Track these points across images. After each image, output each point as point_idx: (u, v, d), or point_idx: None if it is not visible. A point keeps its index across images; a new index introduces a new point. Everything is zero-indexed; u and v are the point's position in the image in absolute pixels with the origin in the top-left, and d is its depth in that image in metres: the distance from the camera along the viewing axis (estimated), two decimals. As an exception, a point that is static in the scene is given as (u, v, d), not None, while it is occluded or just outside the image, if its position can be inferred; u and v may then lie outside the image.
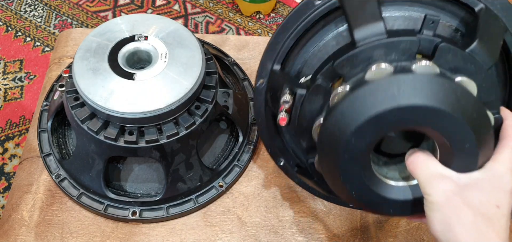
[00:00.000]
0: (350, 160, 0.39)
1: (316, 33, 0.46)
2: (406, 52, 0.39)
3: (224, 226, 0.59)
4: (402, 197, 0.42)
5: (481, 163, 0.38)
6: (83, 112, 0.56)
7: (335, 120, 0.39)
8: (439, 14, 0.43)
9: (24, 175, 0.63)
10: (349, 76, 0.41)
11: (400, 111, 0.36)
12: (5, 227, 0.59)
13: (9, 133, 1.25)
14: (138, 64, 0.59)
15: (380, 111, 0.36)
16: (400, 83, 0.36)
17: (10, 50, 1.42)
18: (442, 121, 0.37)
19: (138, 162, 0.61)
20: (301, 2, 0.45)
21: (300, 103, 0.44)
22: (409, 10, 0.44)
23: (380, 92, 0.37)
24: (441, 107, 0.36)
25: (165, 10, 1.54)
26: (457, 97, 0.37)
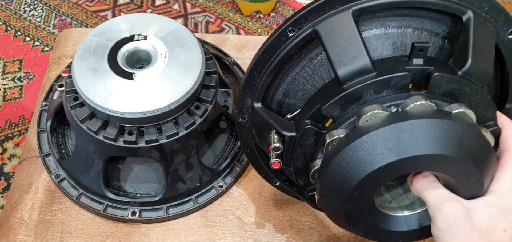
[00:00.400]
0: (354, 208, 0.39)
1: (294, 64, 0.44)
2: (397, 88, 0.37)
3: (224, 226, 0.59)
4: (409, 226, 0.42)
5: (487, 186, 0.38)
6: (82, 112, 0.55)
7: (334, 172, 0.37)
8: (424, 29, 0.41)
9: (23, 175, 0.63)
10: (339, 118, 0.39)
11: (402, 162, 0.35)
12: (4, 227, 0.59)
13: (8, 133, 1.25)
14: (138, 64, 0.59)
15: (382, 166, 0.35)
16: (399, 133, 0.34)
17: (10, 50, 1.42)
18: (446, 164, 0.35)
19: (137, 162, 0.61)
20: (274, 34, 0.42)
21: (291, 146, 0.43)
22: (392, 26, 0.41)
23: (379, 145, 0.35)
24: (444, 153, 0.35)
25: (164, 9, 1.54)
26: (458, 139, 0.35)
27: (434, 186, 0.38)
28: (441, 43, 0.41)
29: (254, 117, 0.46)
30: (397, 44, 0.41)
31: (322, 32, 0.39)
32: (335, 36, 0.39)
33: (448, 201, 0.37)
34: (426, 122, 0.35)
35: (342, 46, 0.38)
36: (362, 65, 0.38)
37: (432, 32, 0.41)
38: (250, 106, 0.46)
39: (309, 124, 0.40)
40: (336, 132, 0.38)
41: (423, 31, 0.41)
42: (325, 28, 0.39)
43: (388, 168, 0.35)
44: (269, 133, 0.44)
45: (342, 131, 0.38)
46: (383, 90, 0.37)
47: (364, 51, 0.38)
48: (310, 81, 0.43)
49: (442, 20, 0.41)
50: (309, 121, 0.40)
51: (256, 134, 0.47)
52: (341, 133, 0.38)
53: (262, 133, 0.46)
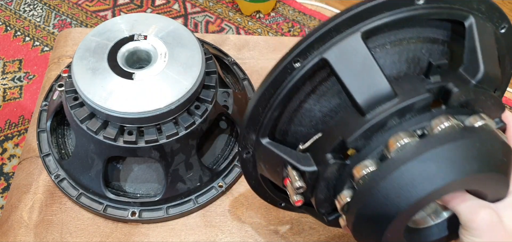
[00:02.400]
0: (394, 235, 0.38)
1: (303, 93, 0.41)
2: (419, 109, 0.36)
3: (224, 227, 0.59)
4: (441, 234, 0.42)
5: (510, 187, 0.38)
6: (82, 112, 0.55)
7: (372, 206, 0.36)
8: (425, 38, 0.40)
9: (23, 175, 0.63)
10: (363, 148, 0.37)
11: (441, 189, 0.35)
12: (4, 228, 0.59)
13: (8, 133, 1.25)
14: (138, 64, 0.59)
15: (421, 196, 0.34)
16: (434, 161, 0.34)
17: (9, 50, 1.42)
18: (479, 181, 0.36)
19: (137, 162, 0.61)
20: (277, 68, 0.39)
21: (313, 181, 0.40)
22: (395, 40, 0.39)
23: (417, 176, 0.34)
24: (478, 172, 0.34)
25: (164, 9, 1.54)
26: (488, 153, 0.35)
27: (463, 197, 0.38)
28: (441, 49, 0.41)
29: (262, 153, 0.43)
30: (404, 57, 0.40)
31: (332, 60, 0.37)
32: (348, 62, 0.36)
33: (481, 209, 0.37)
34: (459, 145, 0.34)
35: (357, 73, 0.36)
36: (383, 92, 0.36)
37: (432, 39, 0.41)
38: (254, 141, 0.43)
39: (333, 158, 0.38)
40: (364, 164, 0.36)
41: (425, 40, 0.40)
42: (334, 55, 0.37)
43: (428, 197, 0.35)
44: (284, 168, 0.41)
45: (371, 162, 0.36)
46: (405, 115, 0.36)
47: (383, 76, 0.36)
48: (317, 107, 0.41)
49: (441, 26, 0.41)
50: (331, 154, 0.38)
51: (266, 168, 0.45)
52: (370, 164, 0.36)
53: (274, 168, 0.43)
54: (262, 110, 0.41)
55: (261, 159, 0.44)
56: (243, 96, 0.66)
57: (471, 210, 0.37)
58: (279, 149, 0.42)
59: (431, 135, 0.35)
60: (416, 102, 0.36)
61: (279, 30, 1.52)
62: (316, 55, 0.37)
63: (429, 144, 0.34)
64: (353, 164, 0.37)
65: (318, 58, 0.37)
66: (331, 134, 0.38)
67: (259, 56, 0.75)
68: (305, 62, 0.38)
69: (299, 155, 0.41)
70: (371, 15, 0.36)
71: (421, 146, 0.34)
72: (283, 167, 0.41)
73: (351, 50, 0.36)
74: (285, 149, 0.42)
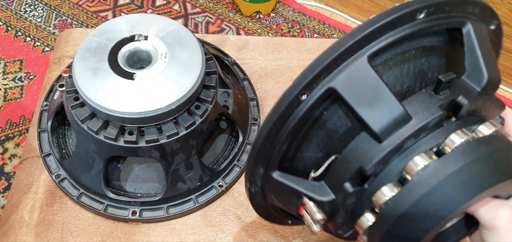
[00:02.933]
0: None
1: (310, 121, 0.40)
2: (433, 127, 0.36)
3: (224, 226, 0.59)
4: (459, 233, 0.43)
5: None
6: (83, 112, 0.56)
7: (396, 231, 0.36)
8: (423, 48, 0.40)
9: (24, 175, 0.63)
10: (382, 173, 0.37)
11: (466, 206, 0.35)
12: (5, 227, 0.59)
13: (9, 133, 1.25)
14: (138, 64, 0.59)
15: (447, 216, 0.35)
16: (456, 180, 0.34)
17: (10, 50, 1.42)
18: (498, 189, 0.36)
19: (138, 162, 0.61)
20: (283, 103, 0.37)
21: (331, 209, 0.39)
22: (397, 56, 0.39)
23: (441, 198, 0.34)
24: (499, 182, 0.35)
25: (165, 10, 1.54)
26: (504, 162, 0.35)
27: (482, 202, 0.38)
28: (439, 56, 0.41)
29: (273, 186, 0.42)
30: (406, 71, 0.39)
31: (340, 89, 0.36)
32: (357, 89, 0.36)
33: (499, 209, 0.37)
34: (477, 160, 0.35)
35: (369, 100, 0.35)
36: (398, 117, 0.35)
37: (429, 48, 0.40)
38: (263, 175, 0.42)
39: (351, 186, 0.38)
40: (385, 189, 0.36)
41: (424, 50, 0.40)
42: (342, 83, 0.36)
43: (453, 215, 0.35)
44: (298, 199, 0.41)
45: (391, 187, 0.36)
46: (421, 134, 0.36)
47: (395, 100, 0.36)
48: (323, 131, 0.40)
49: (437, 33, 0.40)
50: (349, 183, 0.38)
51: (278, 200, 0.44)
52: (391, 189, 0.36)
53: (287, 200, 0.43)
54: (270, 145, 0.39)
55: (272, 192, 0.43)
56: (243, 96, 0.67)
57: (490, 211, 0.37)
58: (291, 180, 0.41)
59: (449, 154, 0.35)
60: (430, 121, 0.36)
61: (279, 31, 1.52)
62: (323, 85, 0.36)
63: (449, 164, 0.34)
64: (372, 189, 0.37)
65: (325, 88, 0.36)
66: (347, 161, 0.38)
67: (259, 56, 0.76)
68: (312, 94, 0.37)
69: (313, 184, 0.40)
70: (376, 37, 0.36)
71: (442, 167, 0.35)
72: (298, 198, 0.40)
73: (359, 77, 0.36)
74: (298, 180, 0.41)
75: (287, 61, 0.75)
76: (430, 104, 0.37)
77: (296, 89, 0.37)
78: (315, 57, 0.38)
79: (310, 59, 0.75)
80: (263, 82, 0.73)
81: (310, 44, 0.77)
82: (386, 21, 0.35)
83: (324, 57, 0.36)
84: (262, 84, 0.72)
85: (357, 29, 0.36)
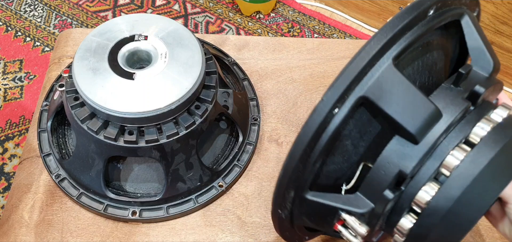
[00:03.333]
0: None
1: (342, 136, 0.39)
2: (460, 119, 0.37)
3: (224, 226, 0.59)
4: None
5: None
6: (83, 112, 0.56)
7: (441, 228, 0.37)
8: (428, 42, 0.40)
9: (24, 175, 0.63)
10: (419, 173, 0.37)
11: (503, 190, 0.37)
12: (4, 227, 0.59)
13: (9, 133, 1.25)
14: (138, 64, 0.59)
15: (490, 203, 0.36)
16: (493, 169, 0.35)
17: (10, 50, 1.42)
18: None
19: (138, 162, 0.61)
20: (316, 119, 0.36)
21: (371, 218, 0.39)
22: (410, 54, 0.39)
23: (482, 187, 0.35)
24: None
25: (165, 10, 1.54)
26: None
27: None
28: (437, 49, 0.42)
29: (306, 207, 0.41)
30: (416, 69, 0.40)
31: (372, 96, 0.36)
32: (388, 94, 0.36)
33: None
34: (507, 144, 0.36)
35: (400, 102, 0.36)
36: (430, 115, 0.36)
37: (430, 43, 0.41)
38: (293, 198, 0.41)
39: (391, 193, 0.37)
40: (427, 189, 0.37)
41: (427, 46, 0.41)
42: (374, 90, 0.36)
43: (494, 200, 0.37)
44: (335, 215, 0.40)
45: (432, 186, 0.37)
46: (449, 129, 0.37)
47: (425, 99, 0.36)
48: (349, 141, 0.40)
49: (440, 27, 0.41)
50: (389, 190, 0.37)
51: (310, 220, 0.43)
52: (432, 187, 0.37)
53: (322, 219, 0.42)
54: (303, 166, 0.38)
55: (304, 213, 0.42)
56: (243, 96, 0.67)
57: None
58: (326, 198, 0.40)
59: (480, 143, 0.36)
60: (458, 115, 0.37)
61: (279, 31, 1.52)
62: (355, 95, 0.36)
63: (483, 153, 0.35)
64: (411, 190, 0.37)
65: (357, 98, 0.36)
66: (383, 168, 0.37)
67: (259, 56, 0.76)
68: (344, 106, 0.36)
69: (349, 198, 0.39)
70: (396, 39, 0.36)
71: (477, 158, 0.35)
72: (334, 214, 0.40)
73: (388, 81, 0.36)
74: (333, 196, 0.40)
75: (287, 61, 0.75)
76: (453, 97, 0.37)
77: (329, 104, 0.36)
78: (315, 57, 0.38)
79: (310, 59, 0.75)
80: (263, 82, 0.73)
81: (310, 44, 0.77)
82: (406, 23, 0.36)
83: (354, 67, 0.35)
84: (262, 84, 0.72)
85: (380, 34, 0.36)
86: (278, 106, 0.70)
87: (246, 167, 0.64)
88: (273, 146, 0.66)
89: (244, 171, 0.63)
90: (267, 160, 0.65)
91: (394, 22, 0.36)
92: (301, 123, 0.69)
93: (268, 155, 0.65)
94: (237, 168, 0.63)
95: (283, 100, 0.71)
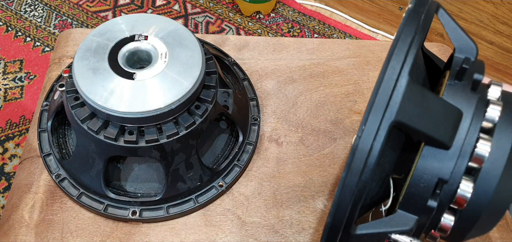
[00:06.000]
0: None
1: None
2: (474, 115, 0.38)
3: (224, 226, 0.59)
4: None
5: None
6: (83, 112, 0.56)
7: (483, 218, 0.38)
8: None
9: (24, 175, 0.63)
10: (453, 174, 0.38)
11: None
12: (5, 227, 0.59)
13: (9, 133, 1.25)
14: (138, 64, 0.59)
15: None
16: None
17: (10, 50, 1.42)
18: None
19: (138, 162, 0.61)
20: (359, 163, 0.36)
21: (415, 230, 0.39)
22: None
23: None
24: None
25: (165, 10, 1.55)
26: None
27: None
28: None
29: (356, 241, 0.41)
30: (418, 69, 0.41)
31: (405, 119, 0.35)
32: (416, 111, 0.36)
33: None
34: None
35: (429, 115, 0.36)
36: (455, 117, 0.37)
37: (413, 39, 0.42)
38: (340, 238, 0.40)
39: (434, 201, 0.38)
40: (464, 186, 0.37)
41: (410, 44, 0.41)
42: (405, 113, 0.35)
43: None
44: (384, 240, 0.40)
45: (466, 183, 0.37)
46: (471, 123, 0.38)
47: (446, 103, 0.37)
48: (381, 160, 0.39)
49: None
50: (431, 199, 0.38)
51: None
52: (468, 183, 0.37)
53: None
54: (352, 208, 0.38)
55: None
56: (243, 96, 0.67)
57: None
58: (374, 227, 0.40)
59: (498, 129, 0.37)
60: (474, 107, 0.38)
61: (279, 31, 1.52)
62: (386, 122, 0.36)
63: (504, 137, 0.37)
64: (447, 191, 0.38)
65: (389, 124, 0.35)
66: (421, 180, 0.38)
67: (259, 56, 0.76)
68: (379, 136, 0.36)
69: (393, 219, 0.39)
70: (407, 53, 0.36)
71: (501, 143, 0.37)
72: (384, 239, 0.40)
73: (412, 98, 0.36)
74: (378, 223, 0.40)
75: (287, 61, 0.75)
76: (463, 92, 0.38)
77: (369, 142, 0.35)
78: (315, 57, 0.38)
79: (310, 59, 0.75)
80: (263, 82, 0.73)
81: (310, 44, 0.77)
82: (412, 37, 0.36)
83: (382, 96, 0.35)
84: (262, 84, 0.72)
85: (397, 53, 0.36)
86: (278, 106, 0.70)
87: (246, 167, 0.64)
88: (273, 146, 0.66)
89: (244, 171, 0.63)
90: (267, 160, 0.65)
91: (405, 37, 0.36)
92: (301, 123, 0.69)
93: (268, 155, 0.65)
94: (237, 168, 0.63)
95: (283, 100, 0.71)
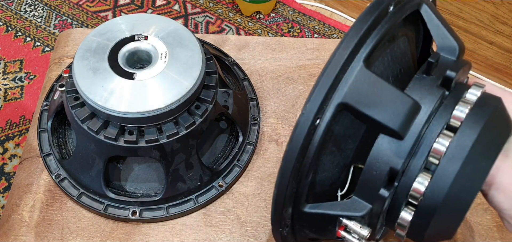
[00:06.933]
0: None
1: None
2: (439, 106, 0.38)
3: (224, 226, 0.59)
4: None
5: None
6: (83, 112, 0.56)
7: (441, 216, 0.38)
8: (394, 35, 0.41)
9: (24, 175, 0.63)
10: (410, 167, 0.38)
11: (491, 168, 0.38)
12: (5, 227, 0.59)
13: (9, 133, 1.25)
14: (138, 64, 0.59)
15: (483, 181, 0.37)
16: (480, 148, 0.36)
17: (10, 50, 1.42)
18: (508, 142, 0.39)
19: (138, 162, 0.61)
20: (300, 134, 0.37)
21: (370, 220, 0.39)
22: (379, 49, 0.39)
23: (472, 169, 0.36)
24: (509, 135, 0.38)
25: (165, 10, 1.55)
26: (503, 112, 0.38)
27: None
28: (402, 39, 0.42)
29: (306, 220, 0.42)
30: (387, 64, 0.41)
31: (351, 101, 0.36)
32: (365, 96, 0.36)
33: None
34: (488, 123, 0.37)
35: (378, 102, 0.36)
36: (409, 108, 0.36)
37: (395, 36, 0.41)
38: (291, 214, 0.41)
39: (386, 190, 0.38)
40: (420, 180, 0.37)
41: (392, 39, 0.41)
42: (351, 95, 0.36)
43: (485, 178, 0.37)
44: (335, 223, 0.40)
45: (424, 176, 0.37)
46: (430, 118, 0.37)
47: (402, 94, 0.37)
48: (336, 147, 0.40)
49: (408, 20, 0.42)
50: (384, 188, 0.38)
51: (312, 232, 0.43)
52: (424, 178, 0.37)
53: (323, 228, 0.42)
54: (295, 182, 0.39)
55: (306, 226, 0.43)
56: (243, 96, 0.67)
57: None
58: (324, 208, 0.40)
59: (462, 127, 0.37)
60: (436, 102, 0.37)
61: (279, 31, 1.52)
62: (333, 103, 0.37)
63: (467, 135, 0.36)
64: (404, 184, 0.38)
65: (336, 105, 0.37)
66: (374, 168, 0.38)
67: (259, 56, 0.76)
68: (325, 116, 0.37)
69: (347, 203, 0.40)
70: (363, 41, 0.37)
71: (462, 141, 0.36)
72: (335, 222, 0.40)
73: (363, 84, 0.36)
74: (330, 205, 0.40)
75: (287, 61, 0.75)
76: (428, 86, 0.38)
77: (310, 116, 0.36)
78: (315, 57, 0.38)
79: (310, 59, 0.75)
80: (263, 82, 0.73)
81: (310, 44, 0.77)
82: (370, 23, 0.37)
83: (328, 76, 0.36)
84: (262, 84, 0.72)
85: (347, 38, 0.37)
86: (278, 106, 0.70)
87: (246, 167, 0.64)
88: (273, 146, 0.66)
89: (244, 171, 0.63)
90: (267, 160, 0.65)
91: (358, 25, 0.37)
92: (301, 122, 0.69)
93: (268, 155, 0.65)
94: (237, 168, 0.63)
95: (283, 100, 0.71)
